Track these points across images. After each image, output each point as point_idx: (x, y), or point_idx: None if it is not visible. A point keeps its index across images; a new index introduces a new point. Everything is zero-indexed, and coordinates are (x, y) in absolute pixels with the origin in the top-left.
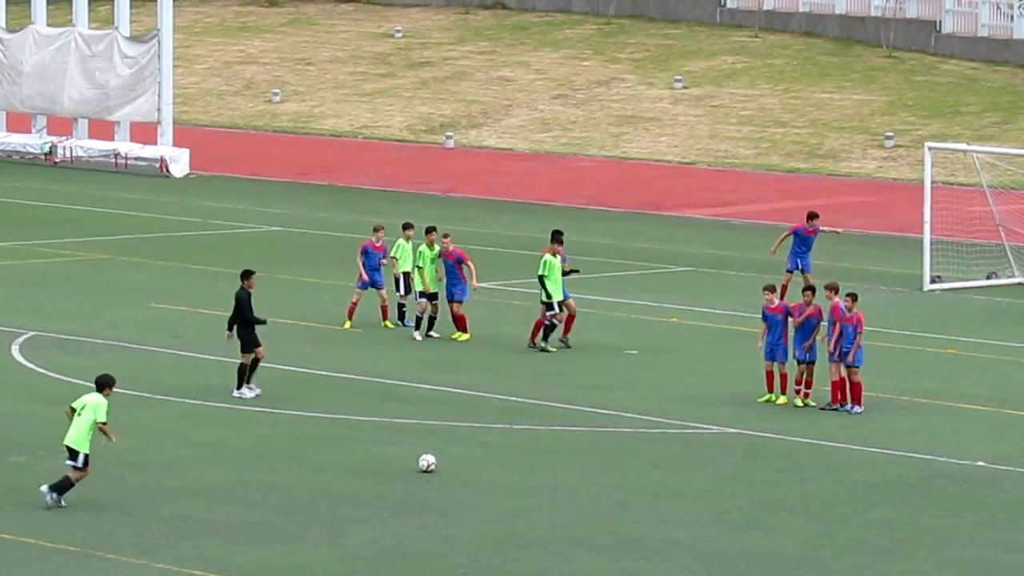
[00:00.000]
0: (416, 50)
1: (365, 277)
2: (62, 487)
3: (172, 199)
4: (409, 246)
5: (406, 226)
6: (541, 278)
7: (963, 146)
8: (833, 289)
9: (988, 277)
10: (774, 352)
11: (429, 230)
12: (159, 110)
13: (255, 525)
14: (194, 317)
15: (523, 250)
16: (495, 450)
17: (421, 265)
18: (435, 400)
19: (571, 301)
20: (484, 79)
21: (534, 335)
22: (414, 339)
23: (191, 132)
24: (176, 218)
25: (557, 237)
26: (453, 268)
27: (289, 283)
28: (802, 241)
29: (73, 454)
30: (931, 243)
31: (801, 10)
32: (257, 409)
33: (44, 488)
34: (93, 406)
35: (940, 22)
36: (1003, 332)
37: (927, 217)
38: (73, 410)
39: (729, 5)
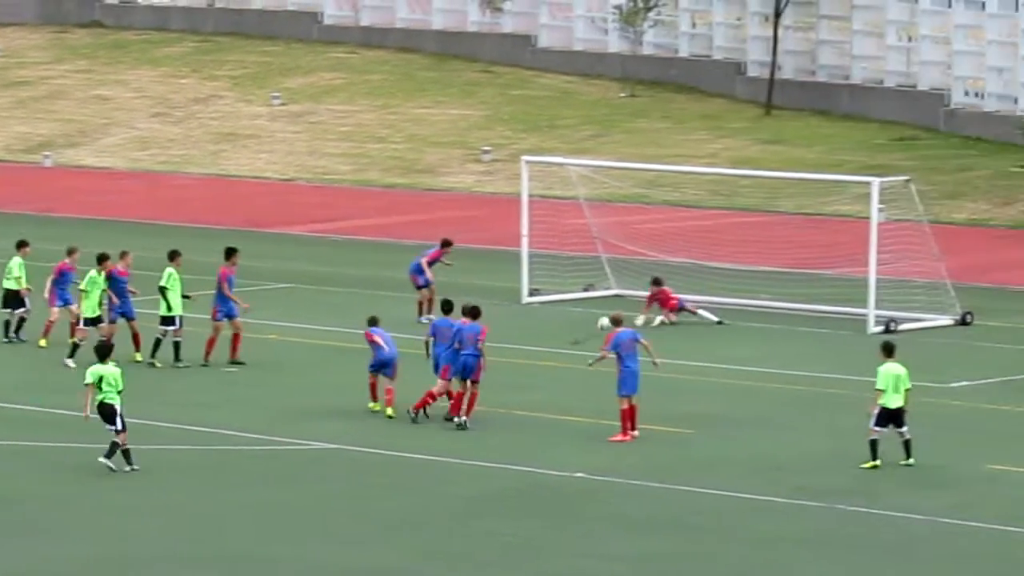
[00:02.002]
0: (12, 69)
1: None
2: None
3: None
4: (23, 263)
5: (20, 244)
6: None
7: (559, 159)
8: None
9: (585, 289)
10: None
11: (101, 258)
12: None
13: None
14: None
15: None
16: (99, 471)
17: (87, 289)
18: (36, 421)
19: (238, 320)
20: (82, 98)
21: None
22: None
23: None
24: None
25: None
26: (124, 288)
27: None
28: (433, 263)
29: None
30: (529, 256)
31: (398, 26)
32: None
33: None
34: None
35: (536, 37)
36: (599, 345)
37: (524, 230)
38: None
39: (327, 22)
